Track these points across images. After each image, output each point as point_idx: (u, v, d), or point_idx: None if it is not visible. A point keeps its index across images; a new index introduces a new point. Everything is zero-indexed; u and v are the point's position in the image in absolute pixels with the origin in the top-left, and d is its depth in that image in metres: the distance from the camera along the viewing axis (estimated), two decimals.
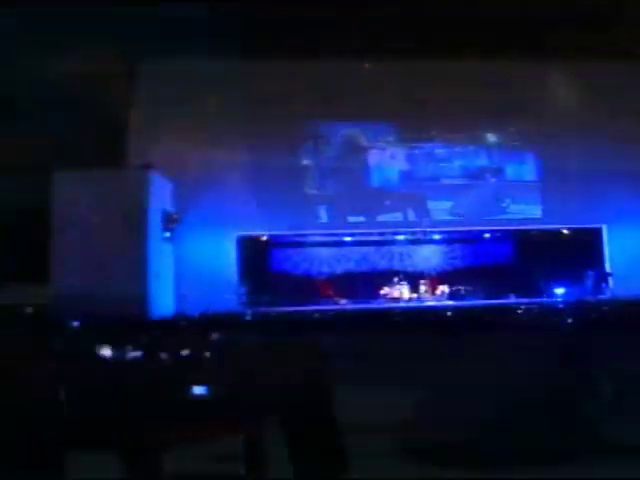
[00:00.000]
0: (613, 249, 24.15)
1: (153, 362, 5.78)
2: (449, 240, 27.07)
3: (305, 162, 24.60)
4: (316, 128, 24.85)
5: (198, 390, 5.82)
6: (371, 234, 25.89)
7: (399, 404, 6.43)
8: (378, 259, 27.17)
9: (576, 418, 5.11)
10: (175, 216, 22.48)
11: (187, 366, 5.67)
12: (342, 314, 19.09)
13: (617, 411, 5.39)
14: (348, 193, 24.41)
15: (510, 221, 24.41)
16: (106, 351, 6.04)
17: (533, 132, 24.48)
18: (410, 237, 26.52)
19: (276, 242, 26.44)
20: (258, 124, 23.35)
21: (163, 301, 20.99)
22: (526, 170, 25.12)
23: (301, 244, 26.70)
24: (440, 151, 25.01)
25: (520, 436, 4.60)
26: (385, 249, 27.15)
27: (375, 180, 25.12)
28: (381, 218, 25.01)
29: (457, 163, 25.17)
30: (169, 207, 22.47)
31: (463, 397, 6.02)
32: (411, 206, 24.79)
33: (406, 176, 25.09)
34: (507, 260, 26.77)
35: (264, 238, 25.40)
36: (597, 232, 24.36)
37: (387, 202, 24.62)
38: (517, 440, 4.47)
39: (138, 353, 6.03)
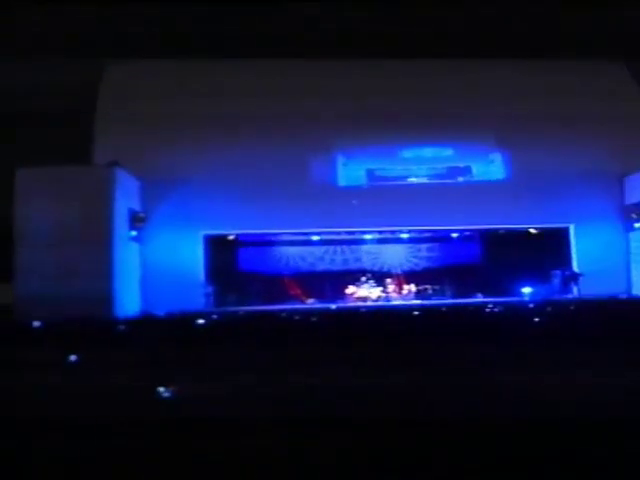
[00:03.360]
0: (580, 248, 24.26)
1: None
2: (417, 239, 27.12)
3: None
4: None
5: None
6: (339, 233, 25.82)
7: None
8: (346, 258, 27.18)
9: None
10: (142, 215, 22.24)
11: None
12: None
13: None
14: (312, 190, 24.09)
15: (478, 220, 24.21)
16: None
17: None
18: (378, 236, 26.53)
19: (244, 241, 26.32)
20: None
21: (129, 301, 20.76)
22: (494, 170, 25.08)
23: (269, 243, 26.60)
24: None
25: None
26: (353, 248, 27.16)
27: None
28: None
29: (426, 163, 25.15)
30: (136, 205, 22.23)
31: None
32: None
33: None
34: (475, 259, 26.90)
35: (231, 237, 25.24)
36: (564, 232, 24.45)
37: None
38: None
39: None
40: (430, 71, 25.42)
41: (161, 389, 5.94)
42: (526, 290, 23.32)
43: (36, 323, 14.93)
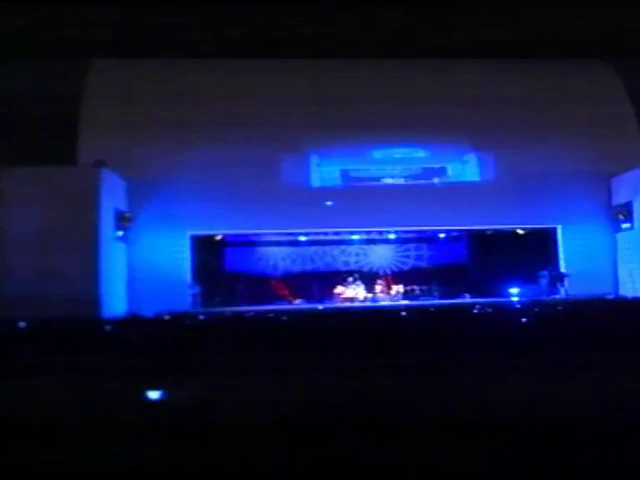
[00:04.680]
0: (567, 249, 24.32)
1: None
2: (404, 240, 27.12)
3: None
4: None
5: None
6: (326, 234, 25.78)
7: None
8: (333, 259, 27.15)
9: None
10: (128, 215, 22.14)
11: None
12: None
13: None
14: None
15: (465, 221, 24.16)
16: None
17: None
18: (365, 237, 26.51)
19: (230, 241, 26.25)
20: None
21: (115, 301, 20.65)
22: (469, 171, 25.05)
23: (256, 244, 26.55)
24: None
25: None
26: (340, 249, 27.14)
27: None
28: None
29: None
30: (122, 206, 22.11)
31: None
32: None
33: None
34: (462, 260, 26.93)
35: (218, 237, 25.16)
36: (552, 232, 24.50)
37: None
38: None
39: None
40: (405, 72, 25.42)
41: (149, 392, 5.86)
42: (514, 290, 23.36)
43: (21, 324, 14.81)
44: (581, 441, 4.33)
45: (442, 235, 26.66)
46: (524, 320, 13.35)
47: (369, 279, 25.44)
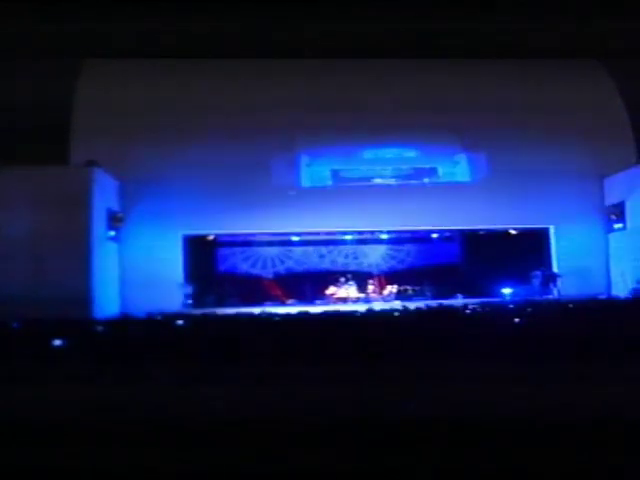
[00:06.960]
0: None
1: None
2: (397, 240, 27.11)
3: None
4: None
5: None
6: (318, 234, 25.74)
7: None
8: (325, 259, 27.13)
9: None
10: (120, 215, 22.06)
11: None
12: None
13: None
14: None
15: (456, 221, 24.12)
16: None
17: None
18: (357, 237, 26.49)
19: (223, 241, 26.19)
20: None
21: (107, 301, 20.57)
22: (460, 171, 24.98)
23: (248, 244, 26.50)
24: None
25: None
26: (332, 249, 27.12)
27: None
28: None
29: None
30: (114, 205, 22.04)
31: None
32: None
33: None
34: (455, 260, 26.95)
35: (210, 237, 25.10)
36: (544, 232, 24.53)
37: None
38: None
39: None
40: (396, 72, 25.37)
41: (145, 392, 5.83)
42: (506, 291, 23.39)
43: (14, 325, 14.72)
44: (578, 441, 4.31)
45: (434, 235, 26.66)
46: (517, 320, 13.35)
47: (361, 279, 25.44)
